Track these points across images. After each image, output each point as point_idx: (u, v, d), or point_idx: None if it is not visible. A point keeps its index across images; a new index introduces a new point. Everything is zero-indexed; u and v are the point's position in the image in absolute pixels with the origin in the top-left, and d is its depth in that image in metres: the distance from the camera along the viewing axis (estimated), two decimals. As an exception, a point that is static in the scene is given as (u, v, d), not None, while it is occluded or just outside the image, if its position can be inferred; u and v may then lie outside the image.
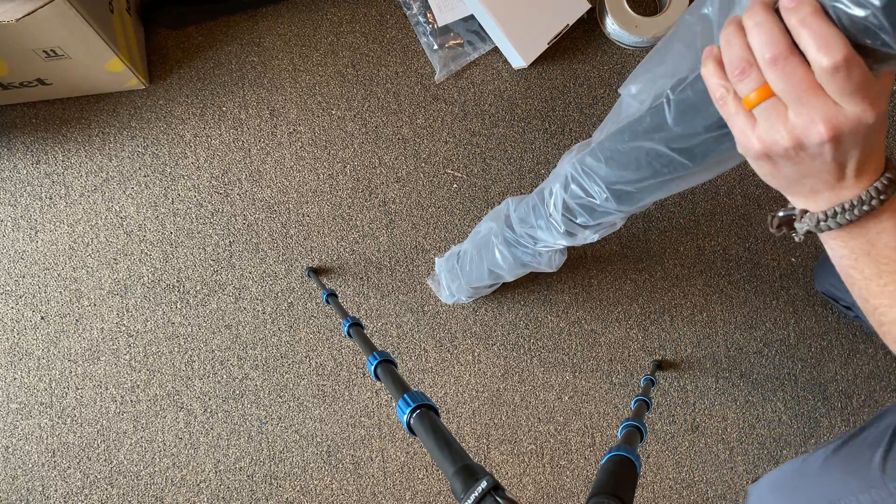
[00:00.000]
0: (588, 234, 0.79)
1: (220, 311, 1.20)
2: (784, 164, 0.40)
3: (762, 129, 0.39)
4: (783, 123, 0.38)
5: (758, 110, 0.39)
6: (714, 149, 0.56)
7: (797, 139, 0.38)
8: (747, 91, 0.39)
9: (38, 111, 1.23)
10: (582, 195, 0.73)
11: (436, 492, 1.17)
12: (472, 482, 0.39)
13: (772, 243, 1.17)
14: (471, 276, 1.04)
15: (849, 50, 0.35)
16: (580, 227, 0.78)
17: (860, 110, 0.37)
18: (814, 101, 0.37)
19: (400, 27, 1.23)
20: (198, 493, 1.18)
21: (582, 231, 0.78)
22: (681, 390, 1.16)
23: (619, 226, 0.78)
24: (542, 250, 0.87)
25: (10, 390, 1.21)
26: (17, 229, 1.22)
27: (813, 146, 0.38)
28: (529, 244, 0.88)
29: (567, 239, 0.81)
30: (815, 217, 0.41)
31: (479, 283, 1.05)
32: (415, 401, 0.49)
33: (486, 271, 1.00)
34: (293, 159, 1.22)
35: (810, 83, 0.37)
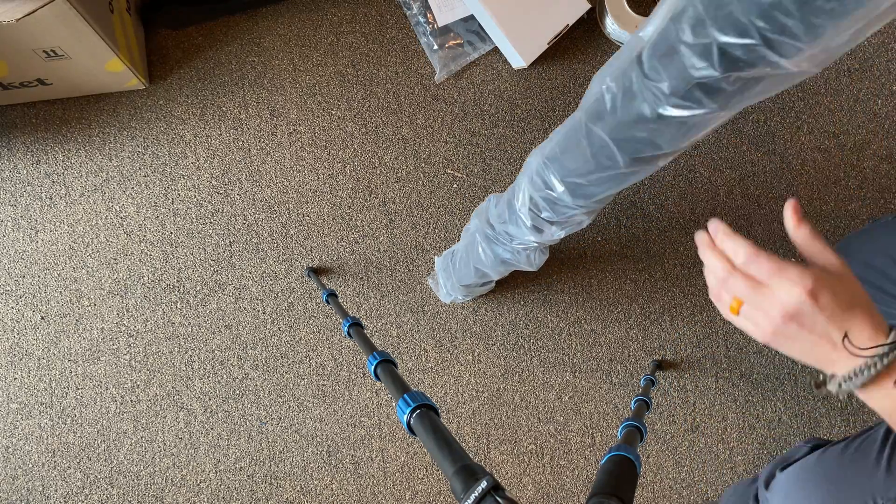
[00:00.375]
0: (555, 231, 0.79)
1: (220, 311, 1.20)
2: (786, 345, 0.49)
3: (747, 327, 0.50)
4: (754, 321, 0.48)
5: (740, 318, 0.50)
6: (651, 140, 0.57)
7: (767, 330, 0.48)
8: (727, 304, 0.51)
9: (39, 111, 1.23)
10: (543, 188, 0.73)
11: (436, 492, 1.17)
12: (472, 482, 0.39)
13: (772, 243, 1.18)
14: (460, 274, 1.04)
15: (751, 247, 0.48)
16: (546, 222, 0.78)
17: (790, 284, 0.46)
18: (757, 296, 0.47)
19: (400, 27, 1.23)
20: (198, 493, 1.18)
21: (548, 227, 0.78)
22: (681, 390, 1.16)
23: (586, 223, 0.78)
24: (518, 248, 0.87)
25: (10, 390, 1.21)
26: (18, 229, 1.22)
27: (781, 327, 0.47)
28: (507, 241, 0.88)
29: (535, 235, 0.81)
30: (836, 380, 0.48)
31: (468, 282, 1.05)
32: (415, 401, 0.49)
33: (472, 269, 1.00)
34: (293, 159, 1.22)
35: (751, 283, 0.48)
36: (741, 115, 1.20)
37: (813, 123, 1.19)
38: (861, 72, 1.20)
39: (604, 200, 0.72)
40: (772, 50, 0.43)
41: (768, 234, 1.17)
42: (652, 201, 1.19)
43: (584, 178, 0.67)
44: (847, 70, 1.20)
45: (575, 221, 0.77)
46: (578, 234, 1.19)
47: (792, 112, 1.20)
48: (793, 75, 0.46)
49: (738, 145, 1.19)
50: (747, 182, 1.19)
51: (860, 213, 1.17)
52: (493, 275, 0.99)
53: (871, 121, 1.19)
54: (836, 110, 1.19)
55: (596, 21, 1.21)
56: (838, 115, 1.19)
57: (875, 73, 1.19)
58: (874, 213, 1.17)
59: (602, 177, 0.65)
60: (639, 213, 1.19)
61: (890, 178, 1.18)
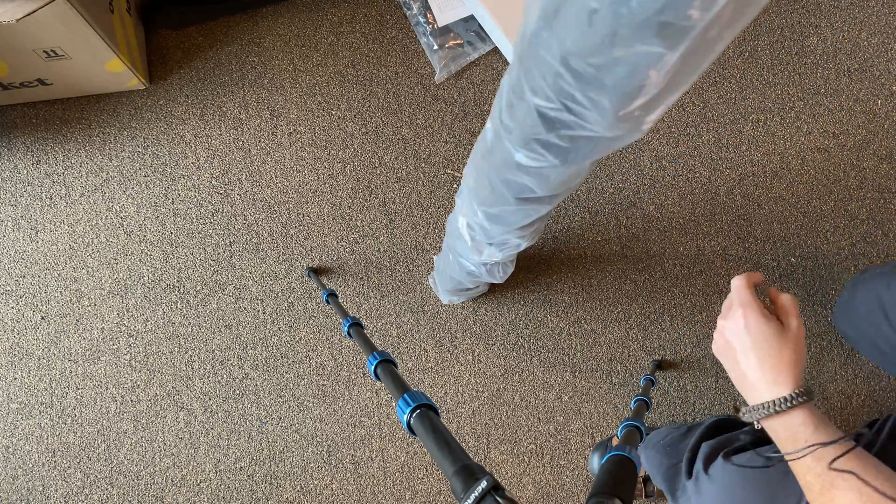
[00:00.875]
0: (493, 251, 0.79)
1: (221, 311, 1.20)
2: (725, 365, 0.62)
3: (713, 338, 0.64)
4: (714, 335, 0.63)
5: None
6: (524, 184, 0.58)
7: (714, 346, 0.63)
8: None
9: (39, 111, 1.23)
10: (470, 213, 0.73)
11: (436, 492, 1.17)
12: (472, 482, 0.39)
13: (772, 243, 1.18)
14: (443, 279, 1.04)
15: (745, 282, 0.60)
16: (482, 243, 0.78)
17: (739, 319, 0.58)
18: (723, 317, 0.61)
19: (400, 27, 1.23)
20: (198, 492, 1.18)
21: (486, 247, 0.78)
22: (681, 390, 1.16)
23: (525, 245, 0.78)
24: (474, 262, 0.87)
25: (10, 390, 1.21)
26: (18, 229, 1.22)
27: (721, 349, 0.61)
28: (458, 256, 0.88)
29: (476, 255, 0.81)
30: (744, 409, 0.59)
31: (450, 287, 1.05)
32: (415, 401, 0.49)
33: (447, 277, 1.00)
34: (293, 159, 1.22)
35: (728, 304, 0.61)
36: (741, 115, 1.20)
37: (813, 123, 1.19)
38: (861, 72, 1.20)
39: (529, 227, 0.72)
40: (574, 116, 0.44)
41: (768, 234, 1.18)
42: (652, 201, 1.19)
43: (494, 208, 0.67)
44: (847, 70, 1.20)
45: (511, 245, 0.77)
46: (578, 234, 1.19)
47: (792, 112, 1.20)
48: (617, 138, 0.47)
49: (738, 145, 1.19)
50: (747, 182, 1.19)
51: (860, 213, 1.17)
52: (467, 283, 0.99)
53: (870, 121, 1.19)
54: (836, 110, 1.19)
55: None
56: (838, 115, 1.19)
57: (875, 74, 1.19)
58: (874, 213, 1.17)
59: (507, 209, 0.66)
60: (639, 213, 1.19)
61: (890, 178, 1.18)
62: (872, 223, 1.17)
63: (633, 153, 1.20)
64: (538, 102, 0.46)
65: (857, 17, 1.21)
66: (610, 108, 0.42)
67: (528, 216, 0.66)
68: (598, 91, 0.41)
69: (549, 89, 0.44)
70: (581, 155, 0.51)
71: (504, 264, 0.89)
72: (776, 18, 1.21)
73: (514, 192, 0.61)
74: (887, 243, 1.17)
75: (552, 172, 0.55)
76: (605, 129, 0.44)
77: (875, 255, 1.17)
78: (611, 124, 0.44)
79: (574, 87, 0.42)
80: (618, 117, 0.43)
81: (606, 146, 0.49)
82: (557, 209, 1.19)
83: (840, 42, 1.20)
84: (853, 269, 1.17)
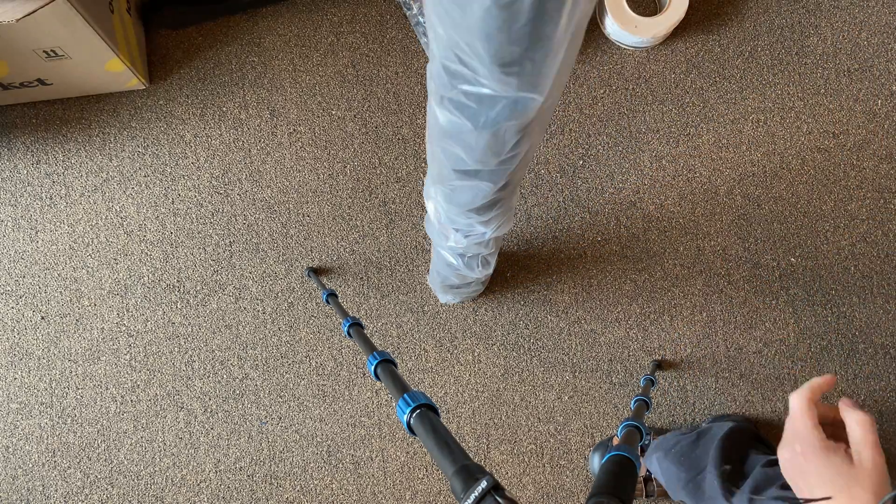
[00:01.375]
0: (459, 237, 0.82)
1: (220, 311, 1.20)
2: (788, 476, 0.56)
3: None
4: (781, 445, 0.58)
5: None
6: (457, 154, 0.59)
7: (780, 457, 0.56)
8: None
9: (39, 111, 1.23)
10: (433, 194, 0.76)
11: (436, 492, 1.17)
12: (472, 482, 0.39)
13: (772, 243, 1.18)
14: (433, 275, 1.05)
15: (817, 404, 0.54)
16: (448, 227, 0.80)
17: (781, 452, 0.55)
18: (788, 429, 0.56)
19: (400, 27, 1.23)
20: (198, 492, 1.18)
21: (453, 233, 0.80)
22: (681, 390, 1.16)
23: (489, 235, 0.79)
24: (451, 250, 0.88)
25: (10, 390, 1.21)
26: (18, 229, 1.22)
27: (786, 461, 0.55)
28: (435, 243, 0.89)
29: (443, 239, 0.84)
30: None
31: (440, 281, 1.05)
32: (415, 401, 0.49)
33: (435, 272, 1.01)
34: (293, 159, 1.22)
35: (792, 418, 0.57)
36: (741, 115, 1.20)
37: (813, 123, 1.19)
38: (861, 72, 1.20)
39: (484, 211, 0.73)
40: (466, 67, 0.47)
41: (768, 234, 1.18)
42: (652, 201, 1.19)
43: (444, 185, 0.69)
44: (847, 70, 1.20)
45: (476, 232, 0.78)
46: (578, 234, 1.19)
47: (792, 112, 1.20)
48: (518, 100, 0.48)
49: (738, 145, 1.19)
50: (747, 182, 1.19)
51: (860, 213, 1.17)
52: (452, 277, 0.99)
53: (870, 121, 1.19)
54: (835, 110, 1.19)
55: (596, 21, 1.21)
56: (838, 115, 1.19)
57: (875, 74, 1.19)
58: (874, 213, 1.18)
59: (454, 186, 0.67)
60: (639, 213, 1.19)
61: (890, 178, 1.18)
62: (872, 223, 1.17)
63: (633, 153, 1.20)
64: (440, 54, 0.48)
65: (857, 17, 1.21)
66: (486, 56, 0.42)
67: (474, 194, 0.67)
68: (471, 36, 0.41)
69: (445, 39, 0.45)
70: (490, 118, 0.51)
71: (482, 258, 0.89)
72: (776, 18, 1.21)
73: (451, 164, 0.63)
74: (887, 243, 1.17)
75: (471, 138, 0.55)
76: (493, 82, 0.45)
77: (875, 255, 1.17)
78: (497, 77, 0.44)
79: (457, 34, 0.43)
80: (501, 69, 0.43)
81: (511, 110, 0.49)
82: (557, 209, 1.19)
83: (840, 42, 1.20)
84: (853, 269, 1.17)
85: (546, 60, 0.44)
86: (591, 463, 1.13)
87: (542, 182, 1.20)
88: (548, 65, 0.44)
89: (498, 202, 0.71)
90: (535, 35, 0.41)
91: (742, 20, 1.21)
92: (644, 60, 1.21)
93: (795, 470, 0.53)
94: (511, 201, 0.74)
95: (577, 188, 1.20)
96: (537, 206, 1.20)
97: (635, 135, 1.20)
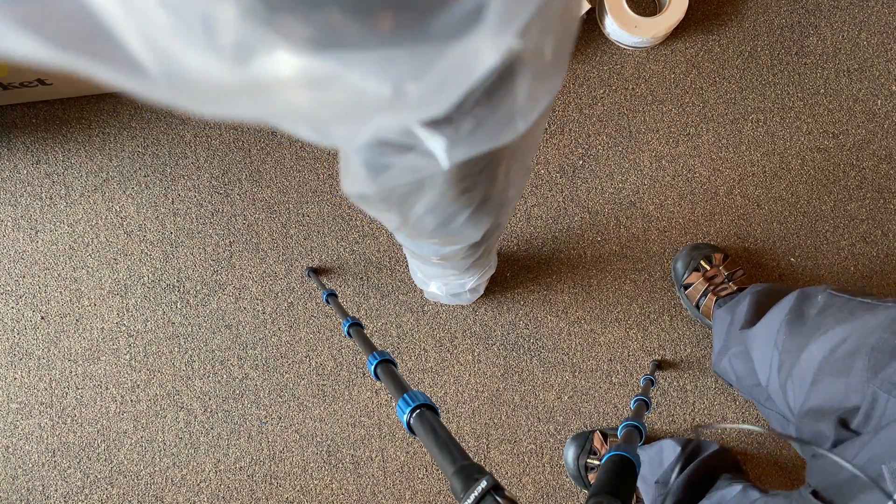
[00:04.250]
0: (439, 285, 0.81)
1: (220, 311, 1.20)
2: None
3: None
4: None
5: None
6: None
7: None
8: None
9: (39, 111, 1.23)
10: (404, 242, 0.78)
11: (436, 492, 1.17)
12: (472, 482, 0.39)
13: (771, 243, 1.18)
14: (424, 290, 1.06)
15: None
16: (425, 281, 0.80)
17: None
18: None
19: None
20: (198, 492, 1.18)
21: (432, 281, 0.80)
22: (680, 390, 1.16)
23: (470, 285, 0.78)
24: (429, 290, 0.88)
25: (10, 390, 1.21)
26: (18, 229, 1.22)
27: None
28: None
29: (424, 286, 0.83)
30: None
31: (432, 298, 1.06)
32: (415, 400, 0.49)
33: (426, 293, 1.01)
34: (293, 159, 1.22)
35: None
36: (741, 115, 1.20)
37: (812, 123, 1.19)
38: (861, 72, 1.20)
39: (461, 268, 0.72)
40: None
41: (767, 234, 1.18)
42: (652, 201, 1.19)
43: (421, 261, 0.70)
44: (847, 70, 1.20)
45: (456, 283, 0.78)
46: (578, 234, 1.19)
47: (792, 112, 1.20)
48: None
49: (738, 145, 1.19)
50: (747, 182, 1.19)
51: (859, 213, 1.17)
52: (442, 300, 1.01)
53: (870, 121, 1.19)
54: (835, 110, 1.19)
55: (596, 21, 1.21)
56: (838, 115, 1.19)
57: (875, 74, 1.19)
58: (874, 213, 1.18)
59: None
60: (639, 213, 1.19)
61: (890, 178, 1.18)
62: (872, 223, 1.17)
63: (633, 153, 1.20)
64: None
65: (857, 17, 1.21)
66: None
67: (449, 266, 0.67)
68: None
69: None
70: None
71: (466, 292, 0.89)
72: (776, 18, 1.21)
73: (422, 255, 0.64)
74: (887, 243, 1.17)
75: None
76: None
77: (875, 255, 1.17)
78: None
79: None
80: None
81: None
82: (557, 209, 1.19)
83: (840, 42, 1.20)
84: (853, 269, 1.17)
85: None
86: (566, 455, 1.14)
87: (542, 182, 1.20)
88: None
89: (476, 260, 0.70)
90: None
91: (742, 20, 1.21)
92: (644, 60, 1.21)
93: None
94: (490, 256, 0.73)
95: (577, 188, 1.20)
96: (537, 206, 1.20)
97: (635, 135, 1.20)
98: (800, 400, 0.70)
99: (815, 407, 0.67)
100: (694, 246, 1.15)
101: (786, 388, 0.74)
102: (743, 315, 0.93)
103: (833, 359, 0.66)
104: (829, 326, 0.70)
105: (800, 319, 0.77)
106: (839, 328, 0.68)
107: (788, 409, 0.75)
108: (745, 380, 0.91)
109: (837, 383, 0.64)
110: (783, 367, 0.75)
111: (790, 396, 0.73)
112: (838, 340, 0.67)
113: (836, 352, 0.66)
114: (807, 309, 0.78)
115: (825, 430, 0.63)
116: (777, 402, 0.79)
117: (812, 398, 0.67)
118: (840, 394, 0.63)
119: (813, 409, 0.67)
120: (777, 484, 1.14)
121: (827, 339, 0.68)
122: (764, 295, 0.95)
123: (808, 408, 0.68)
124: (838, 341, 0.67)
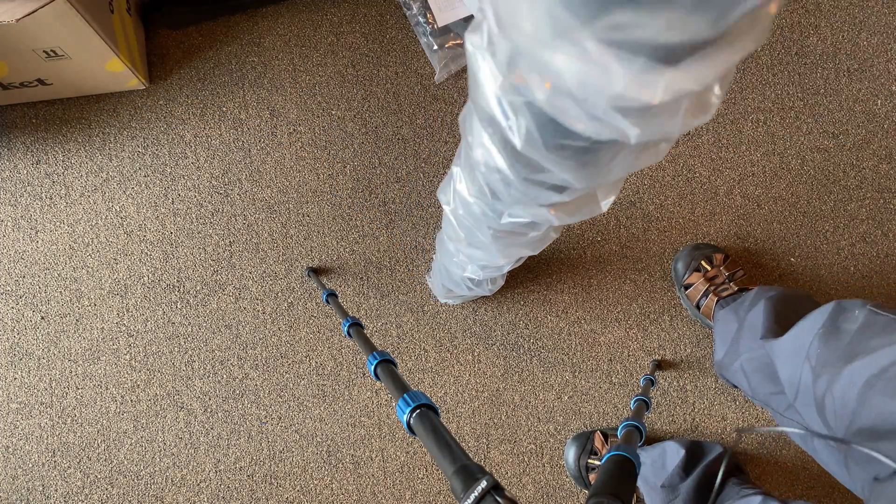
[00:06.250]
0: (475, 269, 0.83)
1: (220, 311, 1.20)
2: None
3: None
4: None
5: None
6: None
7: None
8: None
9: (39, 111, 1.23)
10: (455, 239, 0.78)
11: (436, 492, 1.17)
12: (472, 482, 0.39)
13: (771, 243, 1.18)
14: (436, 283, 1.05)
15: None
16: (465, 263, 0.81)
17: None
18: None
19: (400, 27, 1.23)
20: (198, 492, 1.18)
21: (469, 265, 0.81)
22: (680, 390, 1.16)
23: (508, 268, 0.79)
24: (457, 277, 0.89)
25: (10, 390, 1.21)
26: (18, 229, 1.22)
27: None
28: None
29: (460, 269, 0.85)
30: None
31: (443, 292, 1.06)
32: (415, 400, 0.49)
33: (439, 283, 1.01)
34: (293, 159, 1.22)
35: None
36: (741, 115, 1.20)
37: (812, 123, 1.19)
38: (860, 72, 1.20)
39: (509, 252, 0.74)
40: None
41: (767, 234, 1.18)
42: (652, 201, 1.19)
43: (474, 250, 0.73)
44: (847, 70, 1.20)
45: (495, 265, 0.79)
46: (578, 234, 1.19)
47: (792, 112, 1.20)
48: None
49: (738, 145, 1.19)
50: (747, 182, 1.19)
51: (860, 213, 1.17)
52: (459, 290, 1.00)
53: (870, 121, 1.19)
54: (835, 110, 1.19)
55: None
56: (838, 115, 1.19)
57: (874, 74, 1.19)
58: (874, 213, 1.18)
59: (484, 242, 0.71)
60: (639, 213, 1.19)
61: (890, 178, 1.18)
62: (872, 223, 1.17)
63: (633, 153, 1.20)
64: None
65: (857, 17, 1.21)
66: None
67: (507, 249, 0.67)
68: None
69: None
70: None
71: (493, 279, 0.89)
72: (776, 18, 1.21)
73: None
74: (887, 243, 1.17)
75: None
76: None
77: (875, 255, 1.17)
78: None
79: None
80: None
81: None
82: (557, 209, 1.19)
83: (840, 42, 1.20)
84: (853, 269, 1.17)
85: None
86: (567, 455, 1.13)
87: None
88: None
89: (528, 241, 0.70)
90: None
91: (742, 20, 1.21)
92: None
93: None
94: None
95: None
96: (537, 206, 1.20)
97: (635, 135, 1.20)
98: (845, 417, 0.69)
99: (867, 427, 0.65)
100: (695, 246, 1.15)
101: (823, 403, 0.72)
102: (760, 322, 0.91)
103: (886, 377, 0.65)
104: (876, 347, 0.69)
105: (835, 334, 0.76)
106: (888, 350, 0.67)
107: (825, 424, 0.73)
108: (762, 388, 0.90)
109: (892, 404, 0.63)
110: (818, 380, 0.73)
111: (829, 412, 0.71)
112: (888, 362, 0.66)
113: (889, 371, 0.65)
114: (843, 324, 0.77)
115: (891, 453, 0.61)
116: (804, 415, 0.78)
117: (863, 417, 0.66)
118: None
119: (865, 429, 0.66)
120: (777, 484, 1.14)
121: (873, 359, 0.67)
122: (780, 302, 0.93)
123: (859, 427, 0.66)
124: (889, 363, 0.66)
